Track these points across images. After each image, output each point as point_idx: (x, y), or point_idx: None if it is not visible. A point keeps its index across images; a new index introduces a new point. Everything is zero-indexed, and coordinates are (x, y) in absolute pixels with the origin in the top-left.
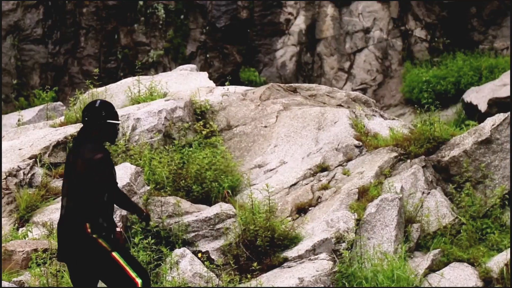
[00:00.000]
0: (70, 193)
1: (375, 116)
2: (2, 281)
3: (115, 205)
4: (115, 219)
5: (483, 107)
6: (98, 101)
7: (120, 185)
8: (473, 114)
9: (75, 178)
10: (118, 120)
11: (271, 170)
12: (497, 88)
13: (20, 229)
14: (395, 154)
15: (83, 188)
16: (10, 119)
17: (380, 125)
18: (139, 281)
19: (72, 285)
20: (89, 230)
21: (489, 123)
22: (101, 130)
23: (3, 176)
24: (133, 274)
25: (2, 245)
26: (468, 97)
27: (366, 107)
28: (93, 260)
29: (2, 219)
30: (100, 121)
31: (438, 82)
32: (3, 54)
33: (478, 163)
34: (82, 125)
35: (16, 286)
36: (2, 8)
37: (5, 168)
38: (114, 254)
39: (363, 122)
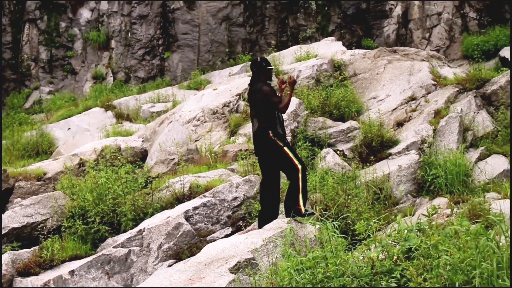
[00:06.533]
0: (255, 114)
1: (444, 66)
2: (221, 168)
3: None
4: (287, 131)
5: None
6: (259, 58)
7: (289, 110)
8: (506, 64)
9: (257, 105)
10: (271, 66)
11: (380, 100)
12: None
13: (231, 138)
14: (457, 89)
15: (264, 110)
16: (225, 72)
17: (448, 71)
18: (299, 166)
19: (261, 172)
20: (271, 135)
21: None
22: (265, 74)
23: (220, 106)
24: (296, 161)
25: (221, 147)
26: (502, 53)
27: (439, 61)
28: (274, 153)
29: (221, 131)
30: (263, 69)
31: (483, 44)
32: (221, 34)
33: (509, 93)
34: (252, 74)
35: (229, 172)
36: (220, 4)
37: (222, 101)
38: (285, 148)
39: (437, 70)
